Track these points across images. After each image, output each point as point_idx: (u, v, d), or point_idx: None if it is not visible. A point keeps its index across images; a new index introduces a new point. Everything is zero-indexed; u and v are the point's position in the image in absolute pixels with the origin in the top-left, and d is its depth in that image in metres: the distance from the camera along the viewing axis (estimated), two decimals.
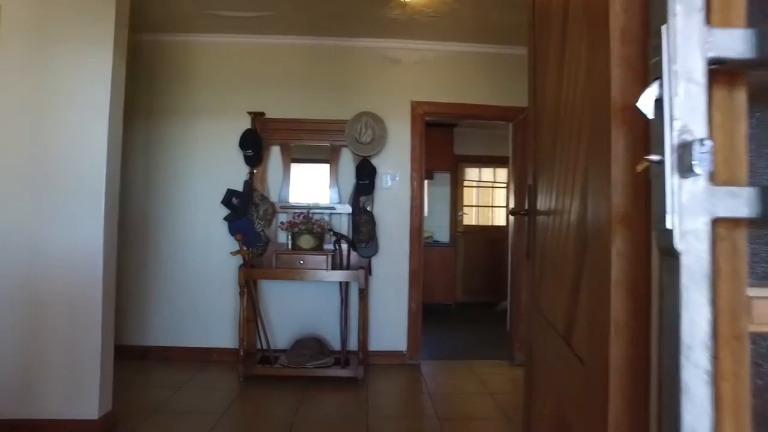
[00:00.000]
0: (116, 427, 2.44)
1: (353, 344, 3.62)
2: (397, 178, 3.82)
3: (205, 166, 3.70)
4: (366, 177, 3.62)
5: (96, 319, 2.30)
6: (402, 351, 3.78)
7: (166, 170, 3.72)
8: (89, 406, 2.29)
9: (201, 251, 3.67)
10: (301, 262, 3.32)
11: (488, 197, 6.92)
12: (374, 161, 3.71)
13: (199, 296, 3.67)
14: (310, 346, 3.42)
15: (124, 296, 3.68)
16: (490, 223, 6.87)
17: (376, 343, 3.76)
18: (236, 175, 3.63)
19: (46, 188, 2.33)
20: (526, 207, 1.49)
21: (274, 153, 3.73)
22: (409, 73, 3.86)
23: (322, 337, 3.69)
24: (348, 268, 3.54)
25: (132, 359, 3.61)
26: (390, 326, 3.78)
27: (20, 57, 2.35)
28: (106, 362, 2.35)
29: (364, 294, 3.38)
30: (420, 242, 3.87)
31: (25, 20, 2.36)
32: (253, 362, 3.38)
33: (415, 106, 3.85)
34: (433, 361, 3.89)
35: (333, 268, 3.38)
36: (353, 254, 3.61)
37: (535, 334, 1.32)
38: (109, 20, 2.34)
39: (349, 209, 3.70)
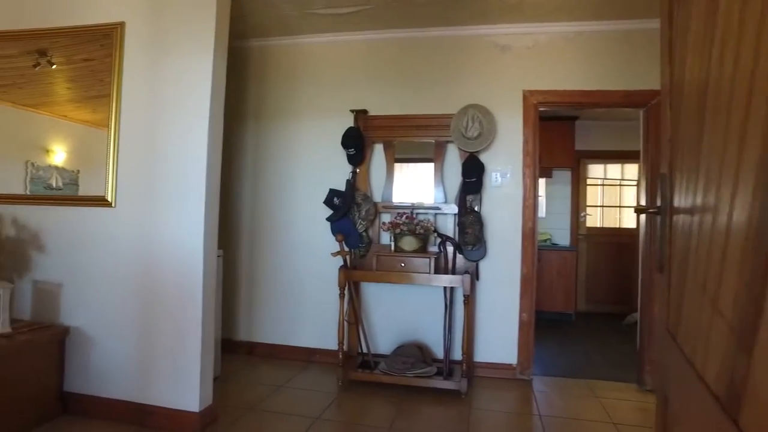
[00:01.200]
0: (216, 421, 2.50)
1: (457, 353, 3.39)
2: (508, 175, 3.50)
3: (309, 165, 3.74)
4: (473, 174, 3.37)
5: (197, 315, 2.37)
6: (511, 364, 3.45)
7: (272, 171, 3.82)
8: (191, 398, 2.37)
9: (305, 251, 3.71)
10: (402, 264, 3.17)
11: (615, 197, 6.19)
12: (482, 157, 3.44)
13: (304, 296, 3.71)
14: (411, 353, 3.26)
15: (234, 294, 3.86)
16: (617, 225, 6.14)
17: (482, 354, 3.48)
18: (339, 174, 3.60)
19: (158, 187, 2.46)
20: (658, 203, 1.16)
21: (377, 151, 3.64)
22: (520, 60, 3.52)
23: (424, 344, 3.51)
24: (453, 272, 3.31)
25: (240, 354, 3.76)
26: (498, 336, 3.48)
27: (141, 67, 2.51)
28: (206, 358, 2.41)
29: (469, 300, 3.13)
30: (533, 245, 3.50)
31: (144, 34, 2.52)
32: (353, 366, 3.30)
33: (527, 95, 3.49)
34: (547, 377, 3.50)
35: (437, 272, 3.18)
36: (459, 257, 3.38)
37: (670, 376, 0.99)
38: (210, 28, 2.41)
39: (455, 209, 3.47)
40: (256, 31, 3.71)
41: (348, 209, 3.44)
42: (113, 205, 2.51)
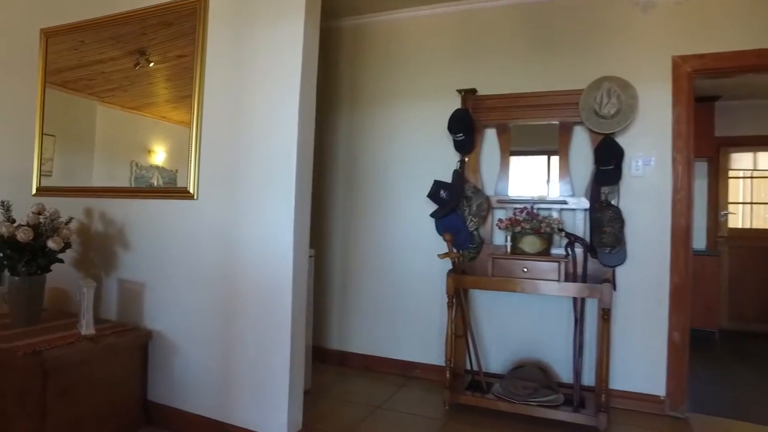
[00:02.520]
0: None
1: (588, 378, 2.79)
2: (652, 163, 2.84)
3: (410, 155, 3.30)
4: (609, 160, 2.74)
5: (284, 324, 2.02)
6: (658, 396, 2.78)
7: (368, 162, 3.44)
8: (277, 421, 2.01)
9: (405, 252, 3.28)
10: (525, 270, 2.63)
11: (766, 191, 5.14)
12: (620, 140, 2.80)
13: (404, 303, 3.29)
14: (532, 376, 2.71)
15: (326, 298, 3.53)
16: None
17: (621, 381, 2.84)
18: (445, 164, 3.13)
19: (243, 177, 2.15)
20: None
21: (489, 136, 3.12)
22: (668, 20, 2.83)
23: (547, 365, 2.94)
24: (584, 279, 2.71)
25: (332, 364, 3.43)
26: (640, 360, 2.82)
27: (224, 45, 2.23)
28: (295, 374, 2.05)
29: (607, 315, 2.52)
30: (687, 249, 2.80)
31: (228, 10, 2.23)
32: (461, 386, 2.82)
33: (678, 62, 2.80)
34: (706, 417, 2.78)
35: (566, 279, 2.61)
36: (590, 261, 2.77)
37: None
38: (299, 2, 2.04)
39: (584, 204, 2.86)
40: (348, 9, 3.36)
41: (456, 204, 2.96)
42: (195, 197, 2.24)
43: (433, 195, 3.02)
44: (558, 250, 2.81)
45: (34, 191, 2.77)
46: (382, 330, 3.34)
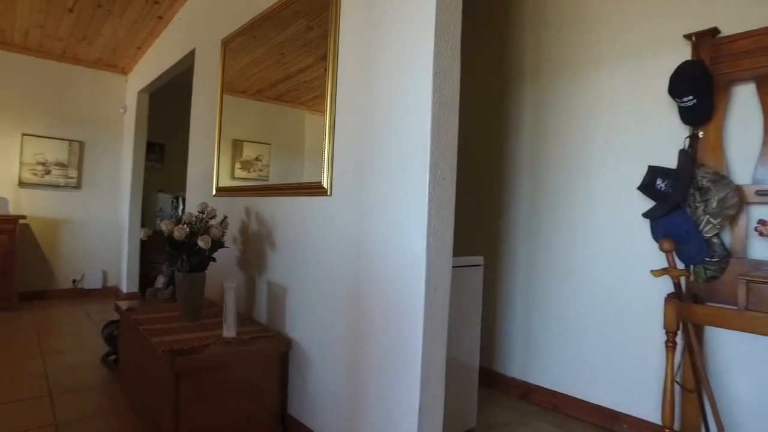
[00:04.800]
0: None
1: None
2: None
3: (612, 135, 2.47)
4: None
5: (413, 342, 1.54)
6: None
7: (558, 145, 2.71)
8: None
9: (610, 265, 2.45)
10: None
11: None
12: None
13: (604, 331, 2.46)
14: None
15: (508, 316, 2.92)
16: None
17: None
18: (663, 143, 2.23)
19: (373, 170, 1.76)
20: None
21: (741, 97, 2.08)
22: None
23: None
24: None
25: (512, 395, 2.80)
26: None
27: (356, 20, 1.87)
28: (430, 408, 1.55)
29: None
30: None
31: None
32: None
33: None
34: None
35: None
36: None
37: None
38: None
39: None
40: None
41: (682, 198, 2.04)
42: (329, 192, 1.95)
43: (646, 186, 2.16)
44: None
45: (214, 192, 2.93)
46: (576, 363, 2.57)
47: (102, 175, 5.22)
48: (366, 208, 1.76)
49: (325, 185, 1.97)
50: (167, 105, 5.26)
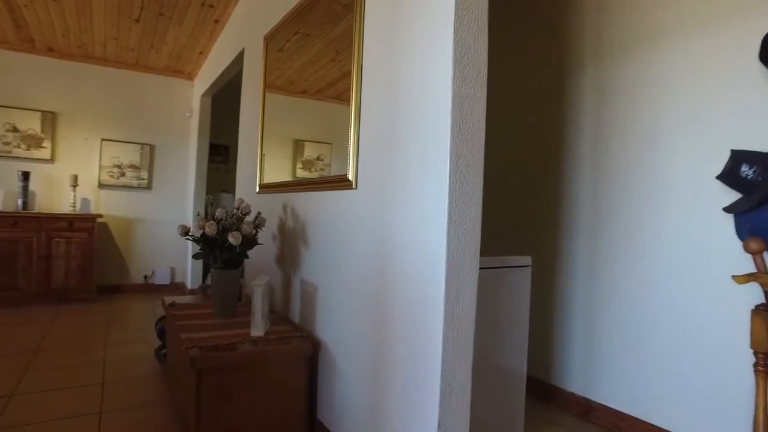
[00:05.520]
0: None
1: None
2: None
3: (686, 116, 2.12)
4: None
5: (433, 360, 1.37)
6: None
7: (621, 134, 2.39)
8: None
9: (680, 268, 2.12)
10: None
11: None
12: None
13: (679, 346, 2.12)
14: None
15: (566, 324, 2.64)
16: None
17: None
18: (750, 123, 1.88)
19: (392, 156, 1.60)
20: None
21: None
22: None
23: None
24: None
25: (570, 413, 2.52)
26: None
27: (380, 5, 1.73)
28: (450, 430, 1.37)
29: None
30: None
31: None
32: None
33: None
34: None
35: None
36: None
37: None
38: None
39: None
40: None
41: None
42: (354, 185, 1.82)
43: (728, 174, 1.82)
44: None
45: (257, 189, 2.92)
46: (646, 381, 2.25)
47: (170, 176, 5.49)
48: (387, 201, 1.62)
49: (350, 177, 1.84)
50: (232, 107, 5.41)
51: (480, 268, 1.96)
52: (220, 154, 5.89)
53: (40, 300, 4.50)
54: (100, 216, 4.88)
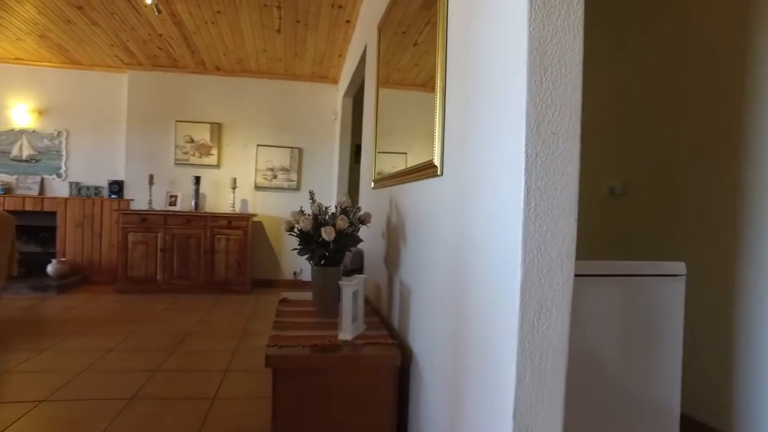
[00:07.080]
0: None
1: None
2: None
3: None
4: None
5: (505, 394, 1.03)
6: None
7: None
8: None
9: None
10: None
11: None
12: None
13: None
14: None
15: (740, 351, 1.96)
16: None
17: None
18: None
19: (475, 151, 1.29)
20: None
21: None
22: None
23: None
24: None
25: None
26: None
27: None
28: None
29: None
30: None
31: None
32: None
33: None
34: None
35: None
36: None
37: None
38: None
39: None
40: None
41: None
42: (439, 171, 1.55)
43: None
44: None
45: (372, 185, 2.80)
46: None
47: (317, 177, 5.77)
48: (468, 185, 1.31)
49: (436, 163, 1.58)
50: None
51: (598, 276, 1.52)
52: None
53: (205, 289, 5.10)
54: (255, 215, 5.35)
